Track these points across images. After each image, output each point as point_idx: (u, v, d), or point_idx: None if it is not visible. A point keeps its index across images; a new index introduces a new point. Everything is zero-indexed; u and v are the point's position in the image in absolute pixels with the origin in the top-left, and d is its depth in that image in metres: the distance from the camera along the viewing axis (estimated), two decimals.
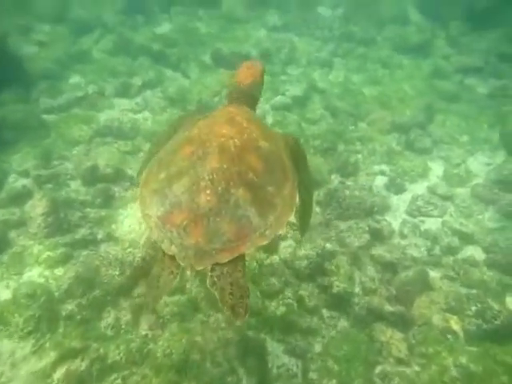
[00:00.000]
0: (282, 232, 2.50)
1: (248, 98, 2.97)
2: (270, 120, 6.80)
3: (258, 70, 3.04)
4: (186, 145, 2.44)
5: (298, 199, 2.55)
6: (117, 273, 3.97)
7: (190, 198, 2.19)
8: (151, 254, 4.18)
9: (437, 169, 6.13)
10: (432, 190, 5.69)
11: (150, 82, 7.39)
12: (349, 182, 5.83)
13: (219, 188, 2.19)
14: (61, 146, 5.76)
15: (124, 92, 7.14)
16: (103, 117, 6.53)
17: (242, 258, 2.29)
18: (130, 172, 5.42)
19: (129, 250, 4.14)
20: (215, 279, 2.19)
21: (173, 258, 2.20)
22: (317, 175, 5.71)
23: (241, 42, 8.83)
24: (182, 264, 2.16)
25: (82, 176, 5.20)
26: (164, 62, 7.92)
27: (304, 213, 3.21)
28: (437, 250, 4.88)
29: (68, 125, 6.12)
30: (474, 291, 4.23)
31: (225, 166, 2.25)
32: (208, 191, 2.18)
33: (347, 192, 5.53)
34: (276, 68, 7.98)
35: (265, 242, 2.26)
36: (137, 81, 7.30)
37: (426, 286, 4.37)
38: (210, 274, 2.21)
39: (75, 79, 7.24)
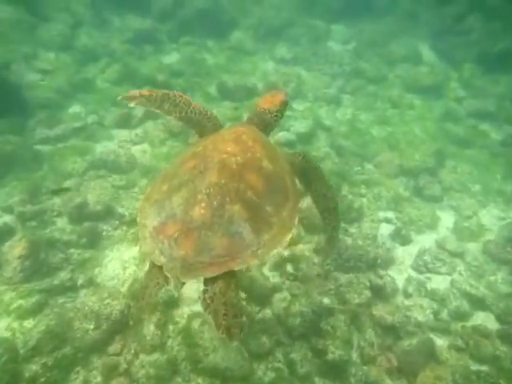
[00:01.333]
0: (276, 251, 2.36)
1: (262, 121, 3.03)
2: None
3: (280, 98, 3.12)
4: (191, 159, 2.52)
5: (297, 221, 2.53)
6: (91, 327, 3.70)
7: (185, 211, 2.24)
8: (130, 307, 3.91)
9: (446, 219, 5.82)
10: (441, 244, 5.37)
11: (152, 112, 7.23)
12: (352, 229, 5.55)
13: (215, 202, 2.23)
14: (52, 179, 5.60)
15: (124, 123, 7.03)
16: (100, 148, 6.40)
17: (234, 276, 2.27)
18: (120, 210, 5.22)
19: (107, 301, 3.86)
20: (208, 301, 2.19)
21: (161, 268, 2.23)
22: (316, 220, 5.43)
23: (248, 75, 8.75)
24: (168, 275, 2.19)
25: (69, 213, 5.00)
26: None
27: (328, 224, 3.21)
28: (444, 314, 4.53)
29: (62, 157, 5.98)
30: (485, 368, 3.86)
31: (223, 182, 2.29)
32: (203, 204, 2.22)
33: (349, 241, 5.25)
34: None
35: (256, 261, 2.27)
36: (138, 111, 7.19)
37: (431, 356, 4.01)
38: (202, 296, 2.21)
39: (75, 109, 7.17)
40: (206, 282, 2.25)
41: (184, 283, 2.29)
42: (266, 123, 3.07)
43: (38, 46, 8.40)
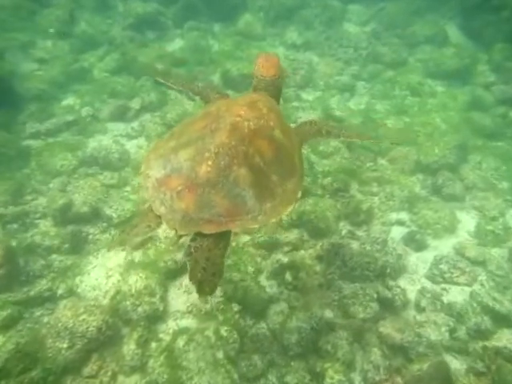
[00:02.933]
0: (275, 221, 2.47)
1: (273, 89, 3.03)
2: None
3: (277, 60, 3.10)
4: (202, 118, 2.55)
5: (299, 196, 2.58)
6: (65, 346, 3.44)
7: (191, 167, 2.28)
8: (109, 323, 3.64)
9: (468, 222, 5.31)
10: (460, 250, 4.88)
11: (151, 104, 6.95)
12: (359, 233, 5.14)
13: (222, 162, 2.26)
14: (38, 177, 5.38)
15: (120, 115, 6.74)
16: (93, 143, 6.13)
17: (226, 236, 2.34)
18: (108, 211, 4.94)
19: (83, 317, 3.59)
20: (192, 250, 2.26)
21: (157, 216, 2.30)
22: (321, 223, 5.04)
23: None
24: (167, 226, 2.26)
25: (53, 215, 4.75)
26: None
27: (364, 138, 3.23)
28: (462, 332, 4.09)
29: (51, 152, 5.73)
30: None
31: (233, 143, 2.31)
32: (210, 163, 2.26)
33: (355, 246, 4.86)
34: (289, 92, 7.36)
35: (255, 226, 2.33)
36: (136, 103, 6.88)
37: (445, 383, 3.59)
38: (188, 243, 2.28)
39: (69, 101, 6.90)
40: (199, 234, 2.28)
41: (180, 237, 2.40)
42: (279, 89, 3.09)
43: (36, 34, 8.14)
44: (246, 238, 4.94)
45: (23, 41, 7.77)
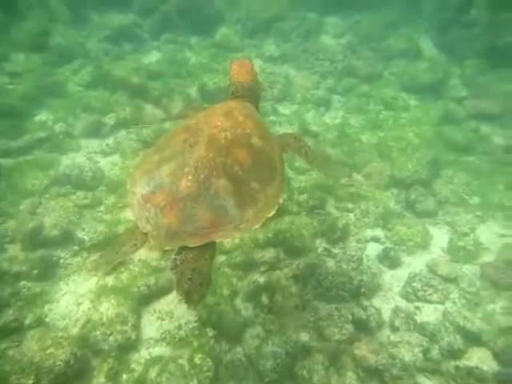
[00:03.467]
0: (258, 227, 2.45)
1: (251, 94, 3.08)
2: None
3: (250, 65, 3.16)
4: (182, 132, 2.60)
5: (281, 201, 2.60)
6: (30, 382, 3.28)
7: (172, 181, 2.33)
8: (77, 356, 3.50)
9: (440, 238, 5.34)
10: (433, 267, 4.89)
11: (126, 120, 6.81)
12: (335, 250, 5.11)
13: (201, 176, 2.31)
14: (8, 198, 5.18)
15: (95, 131, 6.59)
16: (66, 161, 5.98)
17: (212, 246, 2.38)
18: (80, 234, 4.80)
19: (50, 350, 3.44)
20: (178, 262, 2.31)
21: (144, 233, 2.34)
22: (296, 241, 5.00)
23: None
24: (151, 242, 2.28)
25: (22, 239, 4.58)
26: (144, 97, 7.33)
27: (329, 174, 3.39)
28: (435, 352, 4.07)
29: (22, 172, 5.55)
30: None
31: (211, 156, 2.37)
32: (190, 177, 2.31)
33: (331, 264, 4.82)
34: (267, 106, 7.32)
35: (238, 235, 2.38)
36: (110, 119, 6.73)
37: None
38: (173, 256, 2.33)
39: (42, 116, 6.70)
40: (184, 247, 2.32)
41: (166, 251, 2.55)
42: (257, 95, 3.16)
43: (9, 47, 7.90)
44: (222, 258, 4.87)
45: None
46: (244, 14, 10.09)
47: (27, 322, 3.90)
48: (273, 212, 2.49)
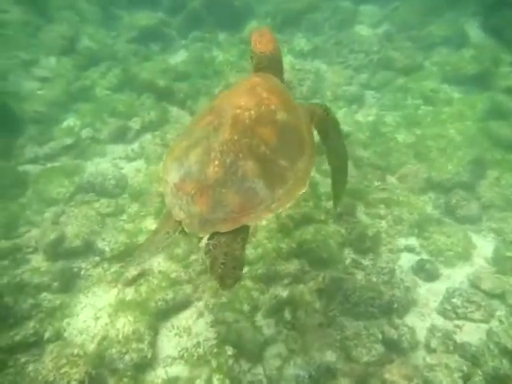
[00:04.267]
0: (291, 205, 2.42)
1: (276, 63, 3.01)
2: None
3: (271, 34, 3.07)
4: (207, 114, 2.56)
5: (312, 174, 2.59)
6: None
7: (200, 168, 2.31)
8: (92, 375, 3.46)
9: (484, 248, 4.89)
10: (475, 281, 4.47)
11: (151, 124, 6.78)
12: (365, 262, 4.80)
13: (227, 160, 2.28)
14: (34, 206, 5.28)
15: (120, 136, 6.62)
16: (91, 167, 6.04)
17: (244, 230, 2.35)
18: (101, 244, 4.79)
19: (64, 369, 3.42)
20: (211, 247, 2.30)
21: (176, 222, 2.35)
22: (323, 252, 4.74)
23: None
24: (186, 230, 2.29)
25: (44, 250, 4.63)
26: (170, 99, 7.27)
27: (336, 182, 3.35)
28: (478, 379, 3.70)
29: (48, 179, 5.65)
30: None
31: (235, 138, 2.32)
32: (216, 162, 2.28)
33: (360, 277, 4.53)
34: None
35: (270, 215, 2.33)
36: (136, 123, 6.72)
37: None
38: (207, 241, 2.32)
39: (70, 122, 6.80)
40: (216, 232, 2.30)
41: (201, 238, 2.43)
42: (281, 64, 3.07)
43: (39, 51, 8.09)
44: (244, 270, 4.70)
45: (26, 59, 7.73)
46: (273, 6, 9.77)
47: (47, 335, 3.93)
48: (304, 188, 2.45)
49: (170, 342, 3.96)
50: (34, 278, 4.35)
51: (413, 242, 5.01)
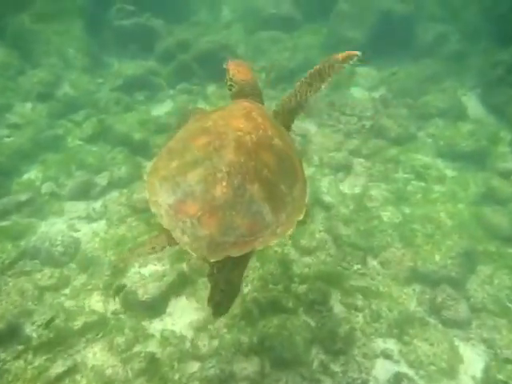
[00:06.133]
0: (291, 231, 2.38)
1: (257, 91, 3.05)
2: None
3: (245, 64, 3.14)
4: (202, 135, 2.50)
5: (307, 201, 2.61)
6: None
7: (205, 189, 2.26)
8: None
9: (473, 363, 4.30)
10: None
11: (120, 180, 6.41)
12: (335, 367, 4.25)
13: (235, 181, 2.26)
14: None
15: (84, 193, 6.21)
16: (44, 228, 5.57)
17: (246, 258, 2.44)
18: (28, 330, 4.24)
19: None
20: (215, 271, 2.41)
21: (166, 240, 2.41)
22: (287, 351, 4.18)
23: None
24: (194, 254, 2.23)
25: None
26: (144, 153, 6.95)
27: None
28: None
29: None
30: None
31: (242, 160, 2.31)
32: (224, 183, 2.24)
33: None
34: None
35: (275, 240, 2.35)
36: (102, 179, 6.35)
37: None
38: (212, 263, 2.35)
39: (31, 175, 6.43)
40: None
41: (207, 261, 2.32)
42: (258, 93, 3.07)
43: (17, 96, 7.89)
44: (194, 368, 4.16)
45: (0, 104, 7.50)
46: (267, 62, 9.69)
47: None
48: (302, 215, 2.48)
49: None
50: None
51: (391, 345, 4.43)
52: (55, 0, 9.40)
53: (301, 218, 2.46)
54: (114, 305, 4.71)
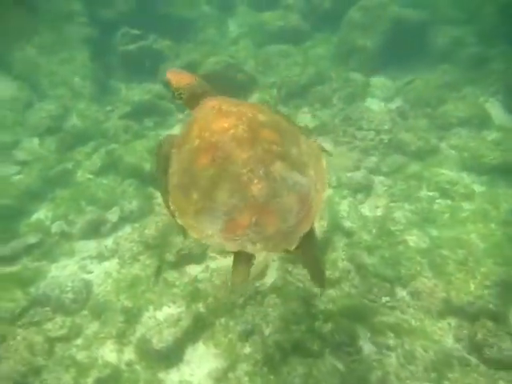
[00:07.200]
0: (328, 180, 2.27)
1: (206, 88, 3.04)
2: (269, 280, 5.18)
3: (183, 71, 3.15)
4: (199, 155, 2.47)
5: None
6: None
7: (242, 196, 2.29)
8: None
9: None
10: None
11: (131, 214, 6.24)
12: None
13: (261, 173, 2.32)
14: None
15: (94, 231, 6.05)
16: (54, 272, 5.41)
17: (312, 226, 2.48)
18: None
19: None
20: (301, 254, 2.57)
21: (245, 262, 2.43)
22: None
23: None
24: (277, 253, 2.73)
25: None
26: (156, 184, 6.72)
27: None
28: None
29: None
30: None
31: (251, 152, 2.37)
32: (255, 181, 2.30)
33: None
34: None
35: (324, 195, 2.47)
36: (113, 215, 6.18)
37: None
38: (294, 251, 2.40)
39: (40, 214, 6.29)
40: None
41: (290, 252, 2.39)
42: (209, 89, 3.06)
43: (25, 131, 7.83)
44: None
45: (7, 141, 7.43)
46: (278, 78, 9.45)
47: None
48: (323, 162, 2.59)
49: None
50: None
51: None
52: (60, 30, 9.37)
53: (324, 164, 2.58)
54: (129, 354, 4.50)
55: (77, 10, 9.56)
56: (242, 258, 2.43)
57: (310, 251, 2.56)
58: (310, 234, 2.46)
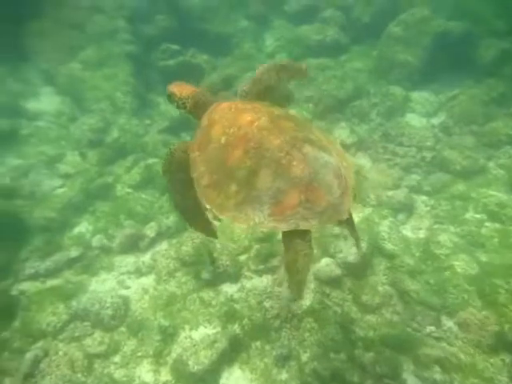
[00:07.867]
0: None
1: (209, 97, 3.08)
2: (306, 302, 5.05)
3: (184, 82, 3.23)
4: (231, 150, 2.52)
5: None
6: None
7: (287, 178, 2.34)
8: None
9: None
10: None
11: (168, 230, 6.26)
12: None
13: (298, 154, 2.38)
14: (16, 344, 4.69)
15: (132, 246, 6.10)
16: (94, 285, 5.48)
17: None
18: None
19: None
20: (348, 224, 2.74)
21: (301, 240, 2.43)
22: None
23: None
24: (331, 225, 2.69)
25: None
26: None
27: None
28: None
29: (41, 305, 5.15)
30: None
31: (282, 137, 2.44)
32: (294, 163, 2.36)
33: None
34: None
35: (353, 170, 2.60)
36: (151, 230, 6.22)
37: None
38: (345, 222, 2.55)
39: (82, 228, 6.42)
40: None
41: (342, 222, 2.49)
42: (211, 97, 3.10)
43: (68, 145, 8.06)
44: None
45: (52, 154, 7.67)
46: (315, 92, 9.33)
47: None
48: (339, 146, 2.75)
49: None
50: None
51: None
52: (104, 46, 9.67)
53: (340, 147, 2.73)
54: (165, 375, 4.46)
55: (121, 27, 9.85)
56: (297, 242, 2.44)
57: (352, 226, 2.78)
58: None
